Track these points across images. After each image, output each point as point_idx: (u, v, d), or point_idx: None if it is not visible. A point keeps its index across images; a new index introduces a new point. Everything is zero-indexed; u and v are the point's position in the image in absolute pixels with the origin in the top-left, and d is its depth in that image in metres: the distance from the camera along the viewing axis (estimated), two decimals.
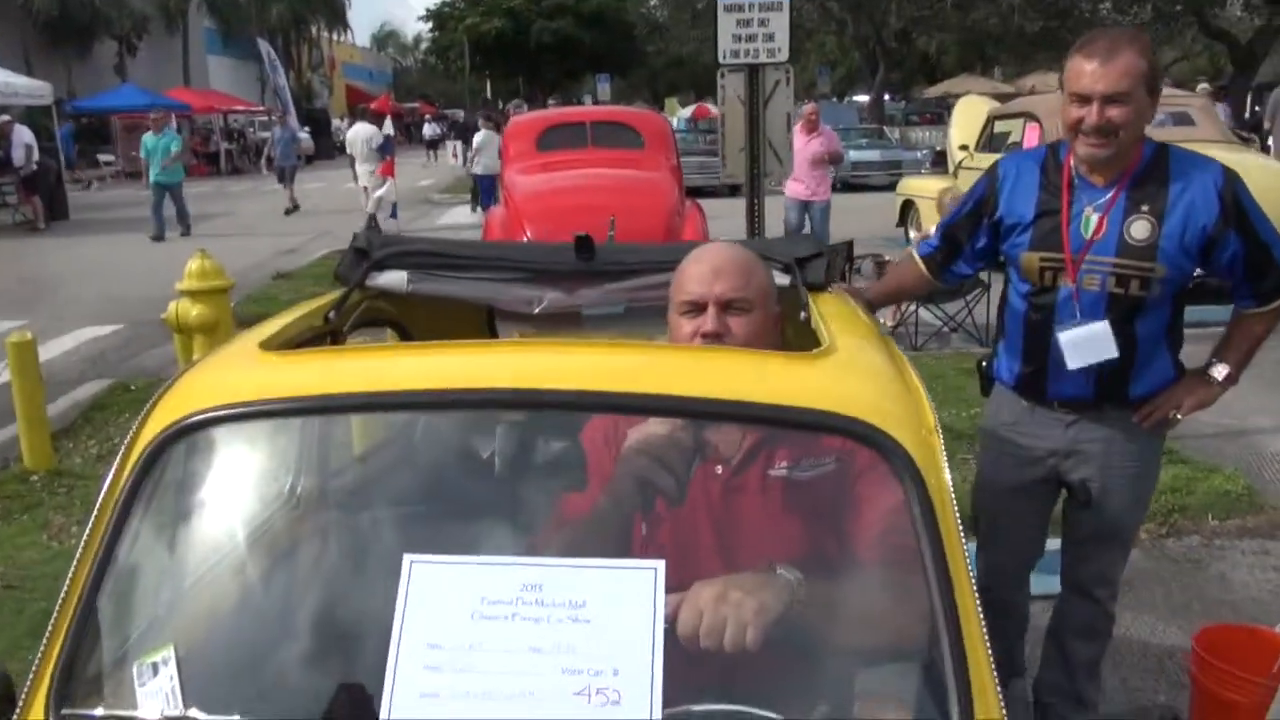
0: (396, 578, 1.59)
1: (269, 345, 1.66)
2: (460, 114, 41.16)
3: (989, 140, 10.65)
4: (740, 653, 1.34)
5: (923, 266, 2.62)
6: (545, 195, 8.24)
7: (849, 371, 1.57)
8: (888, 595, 1.51)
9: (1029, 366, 2.46)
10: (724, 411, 1.42)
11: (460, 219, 16.71)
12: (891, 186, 13.31)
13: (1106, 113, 2.17)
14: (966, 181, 8.57)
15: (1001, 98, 16.20)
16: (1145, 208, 2.26)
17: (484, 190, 16.74)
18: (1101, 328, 2.30)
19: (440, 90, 61.30)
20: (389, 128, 17.00)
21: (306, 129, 37.28)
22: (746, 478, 1.70)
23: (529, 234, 7.59)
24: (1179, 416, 2.45)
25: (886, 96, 30.59)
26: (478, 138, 16.88)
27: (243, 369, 1.58)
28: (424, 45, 64.32)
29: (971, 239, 2.50)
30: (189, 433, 1.46)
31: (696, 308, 1.81)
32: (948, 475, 1.39)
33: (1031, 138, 9.85)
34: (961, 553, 1.34)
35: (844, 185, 19.12)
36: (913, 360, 1.80)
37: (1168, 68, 34.41)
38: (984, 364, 2.67)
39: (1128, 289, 2.29)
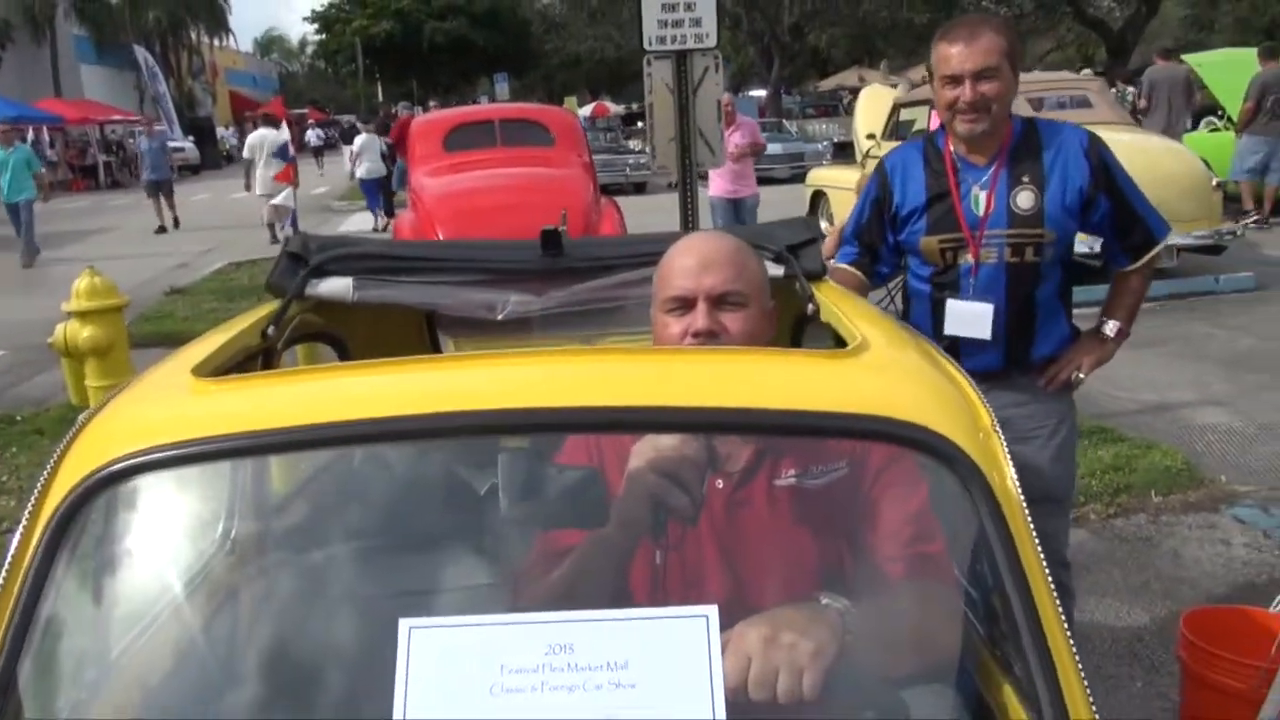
0: (364, 632, 1.38)
1: (203, 371, 1.40)
2: (353, 119, 40.11)
3: (895, 128, 10.74)
4: (796, 704, 1.16)
5: (857, 272, 2.64)
6: (456, 196, 7.95)
7: (893, 371, 1.40)
8: (946, 606, 1.36)
9: (940, 344, 2.45)
10: (775, 423, 1.23)
11: (363, 225, 16.17)
12: (795, 179, 13.38)
13: (979, 89, 2.32)
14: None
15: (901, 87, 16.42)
16: (1026, 178, 2.42)
17: (369, 195, 16.35)
18: (984, 309, 2.45)
19: (329, 95, 59.72)
20: (285, 133, 16.35)
21: (190, 138, 35.89)
22: (753, 489, 1.52)
23: (441, 237, 7.31)
24: (1082, 376, 2.58)
25: (782, 91, 30.89)
26: (358, 141, 16.51)
27: (175, 402, 1.33)
28: (310, 49, 62.66)
29: (883, 238, 2.58)
30: (114, 482, 1.20)
31: (685, 304, 1.63)
32: (1012, 476, 1.24)
33: (936, 124, 9.95)
34: (1037, 557, 1.19)
35: None
36: None
37: (1042, 57, 35.80)
38: None
39: (1023, 257, 2.44)
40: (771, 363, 1.40)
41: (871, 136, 10.75)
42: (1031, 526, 1.24)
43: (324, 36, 51.48)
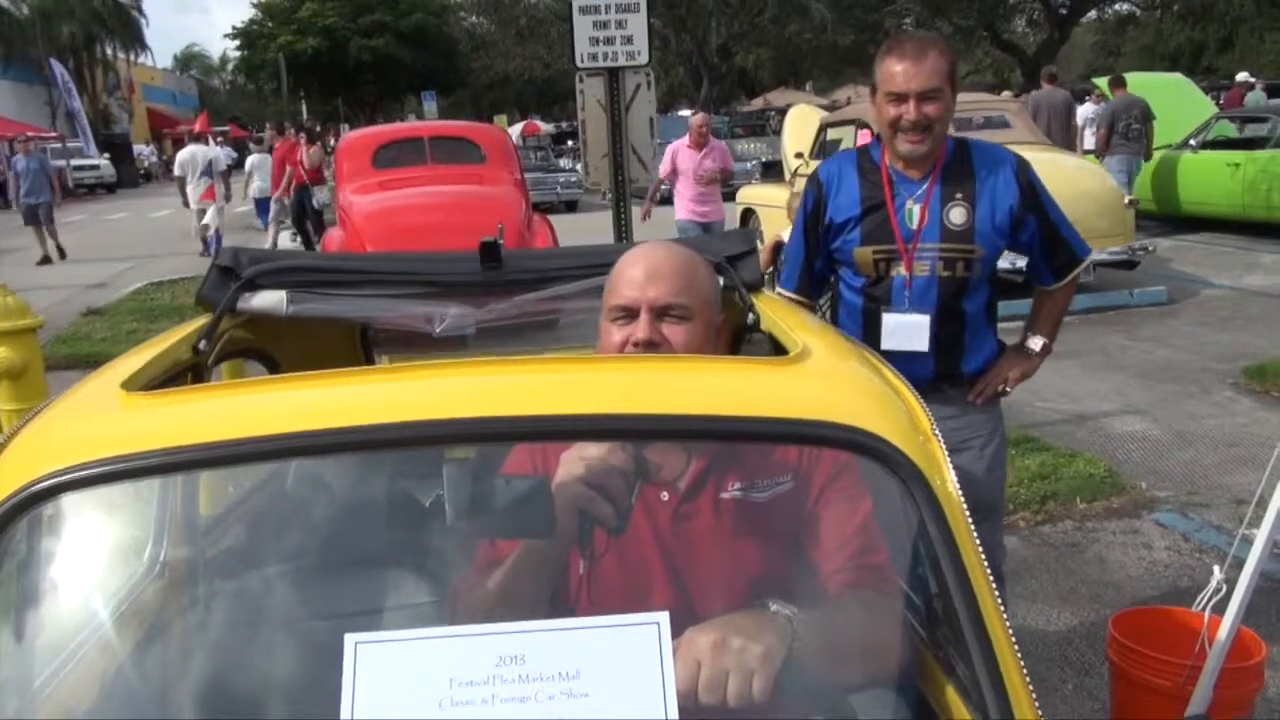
0: (307, 653, 1.34)
1: (133, 385, 1.35)
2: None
3: (822, 147, 10.92)
4: (746, 707, 1.15)
5: (801, 298, 2.64)
6: (386, 215, 7.87)
7: (834, 377, 1.41)
8: (892, 615, 1.37)
9: None
10: (717, 429, 1.23)
11: (289, 242, 15.89)
12: (725, 197, 13.50)
13: (923, 109, 2.35)
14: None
15: (829, 108, 16.74)
16: (959, 195, 2.47)
17: (261, 212, 16.18)
18: (921, 321, 2.48)
19: (252, 112, 58.64)
20: (214, 150, 16.07)
21: (106, 155, 34.89)
22: (699, 503, 1.52)
23: None
24: (1008, 390, 2.63)
25: (710, 111, 31.24)
26: (250, 161, 16.34)
27: (104, 417, 1.28)
28: (232, 65, 61.52)
29: (819, 250, 2.60)
30: (39, 501, 1.15)
31: (629, 314, 1.62)
32: (953, 479, 1.26)
33: (863, 142, 10.17)
34: (979, 559, 1.21)
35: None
36: None
37: (961, 79, 36.83)
38: None
39: (954, 271, 2.48)
40: (713, 369, 1.41)
41: (800, 155, 10.93)
42: (973, 529, 1.26)
43: (246, 53, 50.57)
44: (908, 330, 2.50)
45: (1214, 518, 4.36)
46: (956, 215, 2.47)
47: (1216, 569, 2.63)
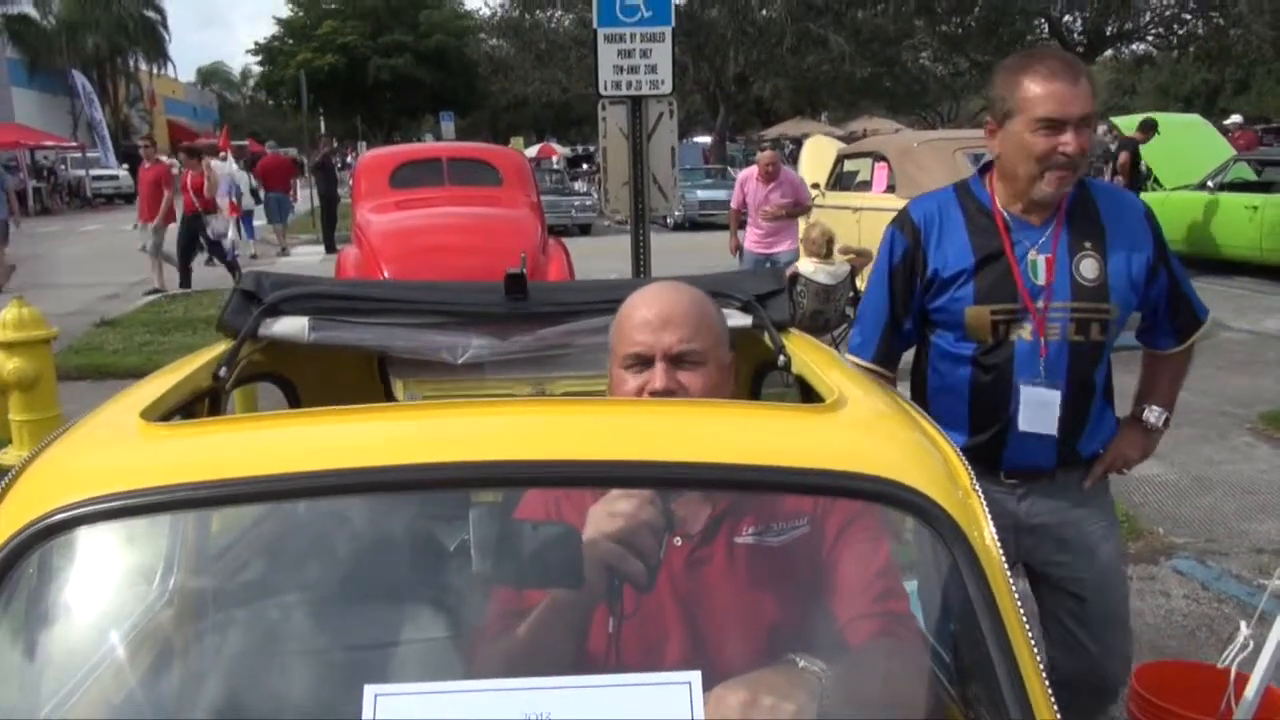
0: (321, 699, 1.30)
1: (152, 415, 1.33)
2: (293, 151, 39.72)
3: (838, 179, 10.94)
4: None
5: (879, 369, 2.26)
6: (403, 235, 7.86)
7: (872, 428, 1.38)
8: (917, 665, 1.33)
9: (979, 437, 2.17)
10: (759, 479, 1.19)
11: (309, 258, 15.98)
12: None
13: (1081, 139, 1.98)
14: (821, 218, 8.74)
15: (844, 139, 16.81)
16: (1088, 244, 2.10)
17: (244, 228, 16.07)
18: (1053, 397, 2.10)
19: (270, 128, 59.13)
20: (232, 165, 16.16)
21: (125, 166, 35.13)
22: (714, 548, 1.48)
23: (386, 274, 7.21)
24: (1125, 472, 2.32)
25: (727, 138, 31.39)
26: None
27: (123, 448, 1.25)
28: (253, 81, 62.09)
29: (908, 308, 2.20)
30: (55, 533, 1.12)
31: (643, 361, 1.58)
32: (992, 534, 1.22)
33: (880, 177, 10.17)
34: (1019, 617, 1.17)
35: (691, 224, 19.52)
36: None
37: (975, 115, 37.00)
38: None
39: (1087, 334, 2.10)
40: (748, 416, 1.38)
41: (816, 186, 10.93)
42: (1013, 585, 1.22)
43: (267, 69, 51.04)
44: (1043, 408, 2.12)
45: (1233, 566, 4.29)
46: (1088, 268, 2.08)
47: (1243, 624, 2.58)
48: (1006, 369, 2.11)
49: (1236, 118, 21.75)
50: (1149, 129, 12.08)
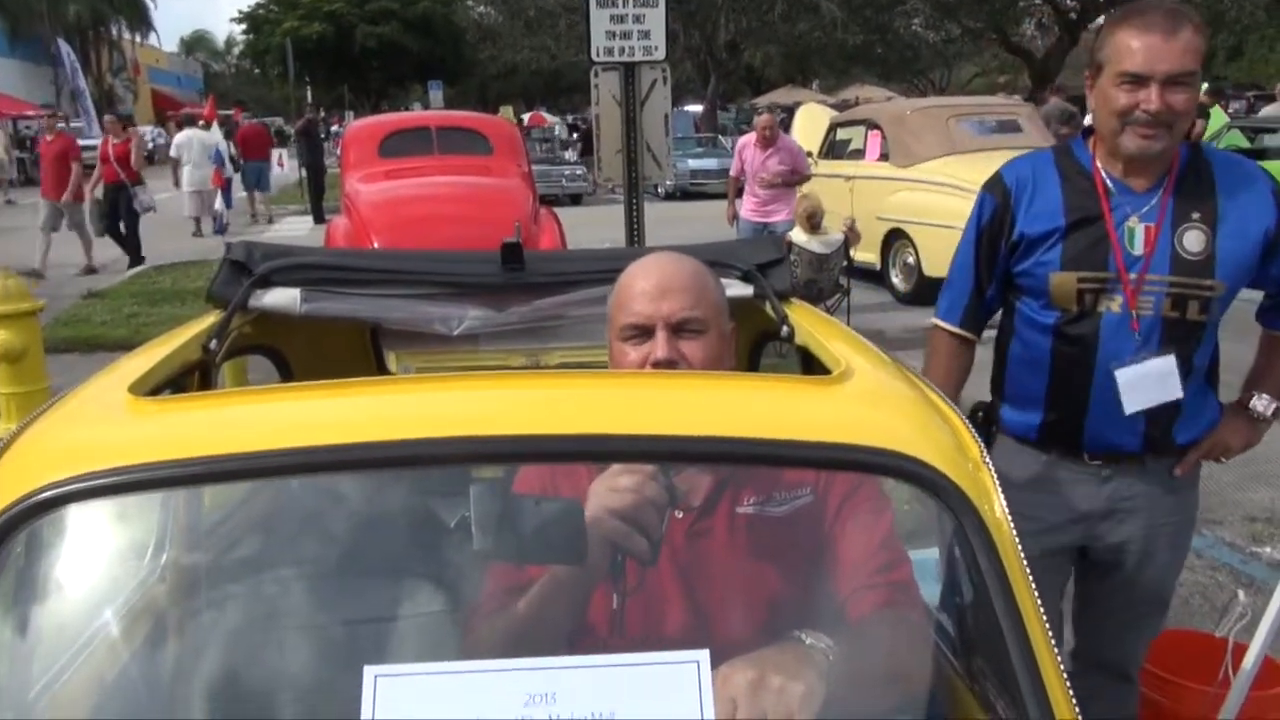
0: (319, 677, 1.28)
1: (141, 389, 1.29)
2: (279, 121, 39.33)
3: (831, 147, 10.87)
4: None
5: (964, 333, 2.19)
6: (392, 205, 7.78)
7: (880, 400, 1.35)
8: (921, 636, 1.32)
9: (1057, 414, 2.08)
10: (754, 453, 1.16)
11: (297, 230, 15.84)
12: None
13: (1167, 98, 1.85)
14: (814, 187, 8.68)
15: (836, 107, 16.70)
16: (1196, 215, 1.95)
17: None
18: (1166, 364, 1.95)
19: (256, 97, 58.49)
20: (217, 135, 16.02)
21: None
22: (714, 519, 1.46)
23: (376, 245, 7.14)
24: (1224, 461, 2.21)
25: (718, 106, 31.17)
26: (177, 141, 15.83)
27: (112, 423, 1.21)
28: (238, 49, 61.40)
29: (992, 273, 2.11)
30: (43, 511, 1.09)
31: (643, 331, 1.55)
32: (1002, 507, 1.20)
33: (874, 144, 10.11)
34: (1030, 593, 1.16)
35: (683, 194, 19.40)
36: None
37: (968, 82, 36.78)
38: (980, 413, 2.23)
39: (1185, 312, 1.96)
40: (754, 389, 1.34)
41: (809, 154, 10.87)
42: (1024, 560, 1.20)
43: (252, 37, 50.45)
44: (1152, 380, 1.98)
45: (1226, 534, 4.31)
46: (1191, 240, 1.95)
47: (1241, 594, 2.58)
48: (1091, 342, 2.00)
49: (1204, 85, 21.55)
50: (1055, 90, 12.04)
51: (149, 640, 1.49)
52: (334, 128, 34.31)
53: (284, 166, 22.29)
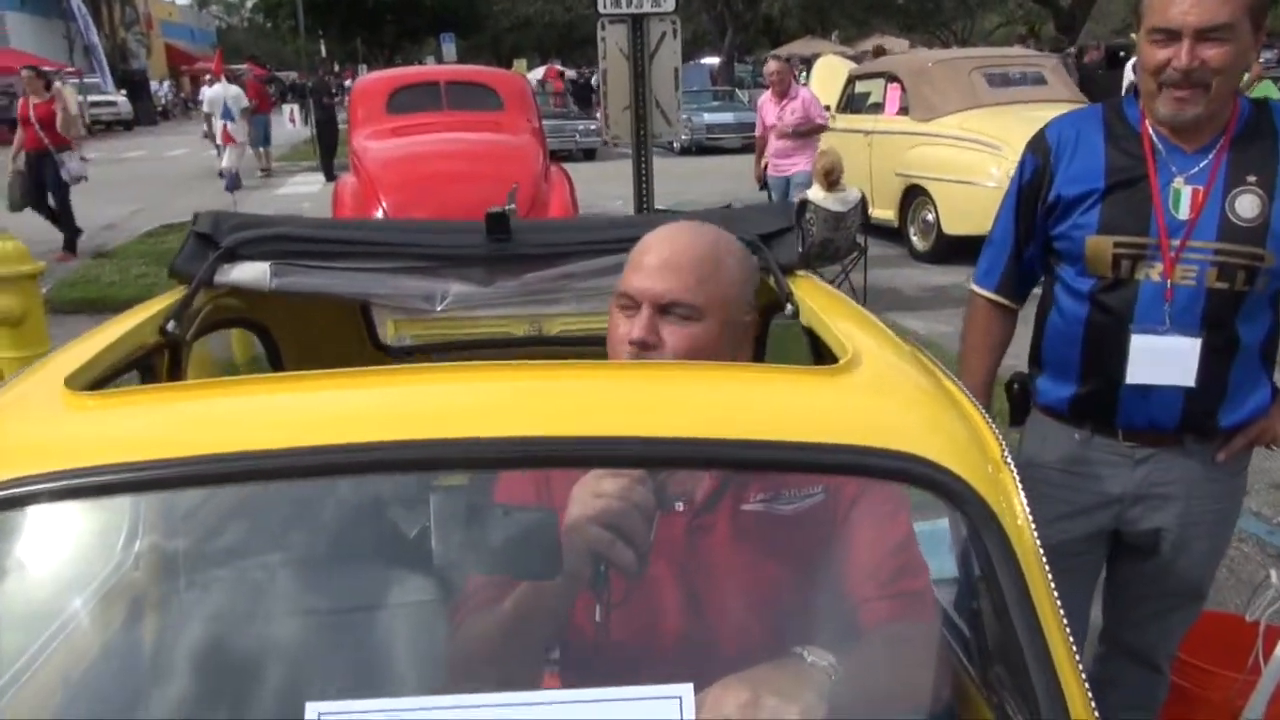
0: (269, 661, 1.19)
1: (77, 382, 1.18)
2: (294, 76, 39.02)
3: (850, 100, 10.62)
4: None
5: (1004, 302, 2.09)
6: (401, 162, 7.64)
7: (890, 394, 1.23)
8: (933, 652, 1.22)
9: (1089, 386, 1.97)
10: (749, 457, 1.05)
11: (308, 188, 15.73)
12: (747, 149, 13.21)
13: (1199, 53, 1.71)
14: (832, 142, 8.46)
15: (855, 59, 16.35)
16: (1252, 178, 1.80)
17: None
18: (1189, 345, 1.84)
19: (270, 51, 58.06)
20: (234, 89, 15.92)
21: (123, 92, 34.56)
22: (717, 515, 1.35)
23: (385, 205, 7.03)
24: (1275, 448, 2.06)
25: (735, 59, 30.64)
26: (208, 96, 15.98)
27: (39, 422, 1.10)
28: (251, 3, 60.87)
29: (1031, 235, 2.00)
30: None
31: (635, 304, 1.44)
32: (1024, 511, 1.09)
33: (893, 98, 9.86)
34: (1053, 604, 1.05)
35: (699, 148, 19.12)
36: None
37: (991, 33, 35.98)
38: (1015, 385, 2.16)
39: (1232, 282, 1.82)
40: (750, 382, 1.22)
41: (826, 108, 10.63)
42: (1047, 569, 1.09)
43: None
44: (1168, 357, 1.87)
45: (1252, 503, 4.17)
46: (1245, 205, 1.81)
47: (1273, 574, 2.46)
48: (1125, 312, 1.87)
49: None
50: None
51: (83, 672, 1.39)
52: (346, 82, 33.96)
53: (295, 123, 22.06)
